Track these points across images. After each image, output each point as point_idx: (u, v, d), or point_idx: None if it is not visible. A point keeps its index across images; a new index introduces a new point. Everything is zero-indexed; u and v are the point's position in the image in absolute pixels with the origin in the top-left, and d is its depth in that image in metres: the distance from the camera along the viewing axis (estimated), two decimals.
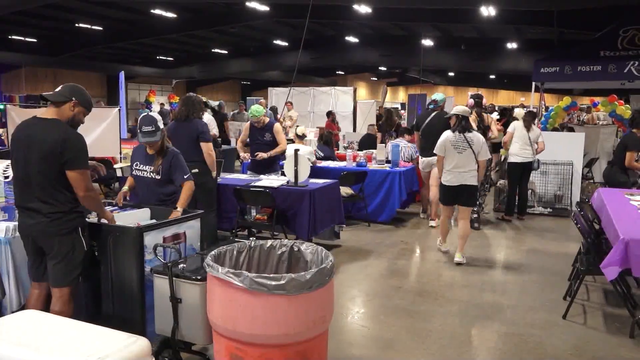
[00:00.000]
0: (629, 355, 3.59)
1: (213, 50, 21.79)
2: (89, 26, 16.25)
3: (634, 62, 9.02)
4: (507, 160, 7.82)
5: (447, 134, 5.68)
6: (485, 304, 4.53)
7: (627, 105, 12.18)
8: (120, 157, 8.54)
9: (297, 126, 8.70)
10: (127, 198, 4.10)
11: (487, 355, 3.60)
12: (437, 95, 7.60)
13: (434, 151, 5.83)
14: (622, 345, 3.73)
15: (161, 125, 3.86)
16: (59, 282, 3.07)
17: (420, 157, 7.38)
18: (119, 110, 8.83)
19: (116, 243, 3.21)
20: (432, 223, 7.27)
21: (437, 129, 6.62)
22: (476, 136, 5.63)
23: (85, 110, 3.18)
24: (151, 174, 3.93)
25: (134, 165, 4.05)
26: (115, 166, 8.46)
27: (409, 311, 4.35)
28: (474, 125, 6.64)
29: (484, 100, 7.75)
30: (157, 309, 3.12)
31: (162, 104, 21.26)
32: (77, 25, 16.05)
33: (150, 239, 3.22)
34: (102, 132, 8.26)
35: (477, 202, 6.90)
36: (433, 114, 7.25)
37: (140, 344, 2.35)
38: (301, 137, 7.68)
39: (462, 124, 5.60)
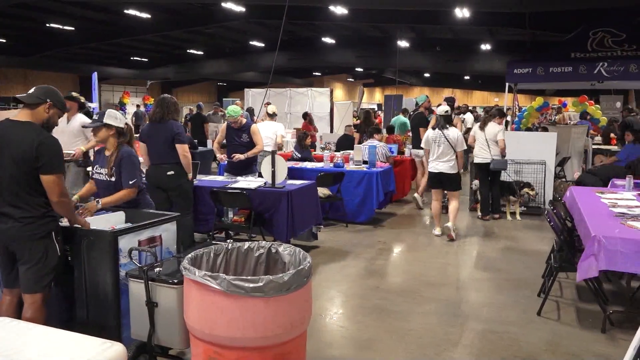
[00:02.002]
0: (601, 349, 3.67)
1: (188, 51, 21.62)
2: (60, 26, 15.96)
3: (603, 63, 9.25)
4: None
5: (429, 131, 6.84)
6: (462, 303, 4.59)
7: (597, 106, 12.49)
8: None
9: (268, 104, 8.98)
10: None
11: (464, 353, 3.64)
12: (419, 97, 9.04)
13: (421, 145, 7.13)
14: (594, 340, 3.82)
15: (111, 122, 3.69)
16: (31, 288, 3.00)
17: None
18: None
19: (90, 247, 3.15)
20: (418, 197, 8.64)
21: (416, 125, 8.57)
22: (452, 131, 6.62)
23: (59, 112, 3.12)
24: (105, 176, 3.77)
25: (94, 168, 3.90)
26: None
27: (387, 311, 4.37)
28: (432, 122, 7.93)
29: (456, 103, 8.48)
30: (133, 313, 3.08)
31: (137, 106, 21.02)
32: (48, 25, 15.75)
33: (125, 243, 3.17)
34: None
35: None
36: (415, 113, 9.01)
37: (115, 349, 2.31)
38: (272, 116, 7.80)
39: (440, 123, 6.67)
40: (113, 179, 3.72)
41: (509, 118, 11.17)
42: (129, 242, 3.20)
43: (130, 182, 3.70)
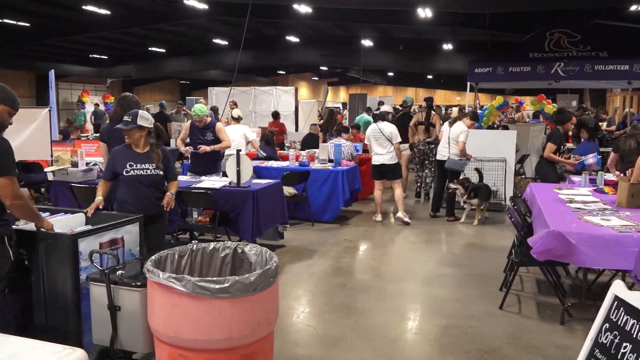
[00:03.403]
0: (560, 341, 3.79)
1: (150, 48, 21.17)
2: (14, 22, 15.37)
3: (560, 63, 9.53)
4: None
5: (369, 128, 7.50)
6: (427, 298, 4.66)
7: (554, 104, 12.88)
8: (52, 161, 8.15)
9: (232, 109, 8.96)
10: (101, 208, 3.86)
11: (429, 348, 3.70)
12: (407, 98, 10.09)
13: (365, 142, 7.77)
14: (553, 332, 3.94)
15: (144, 124, 3.86)
16: None
17: None
18: (49, 110, 8.42)
19: (48, 251, 3.05)
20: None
21: (403, 123, 8.99)
22: (387, 126, 7.33)
23: (9, 110, 2.95)
24: (155, 170, 3.90)
25: (127, 166, 3.85)
26: (46, 170, 8.06)
27: (353, 308, 4.39)
28: (414, 120, 9.06)
29: (434, 103, 9.59)
30: (94, 317, 3.00)
31: (96, 104, 20.48)
32: (1, 21, 15.14)
33: (86, 246, 3.09)
34: (32, 134, 7.86)
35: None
36: (402, 112, 9.81)
37: (76, 355, 2.24)
38: (237, 120, 7.84)
39: (377, 118, 7.62)
40: (161, 172, 3.94)
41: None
42: (90, 244, 3.12)
43: (175, 176, 4.15)
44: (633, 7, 10.27)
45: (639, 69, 9.14)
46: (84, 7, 13.43)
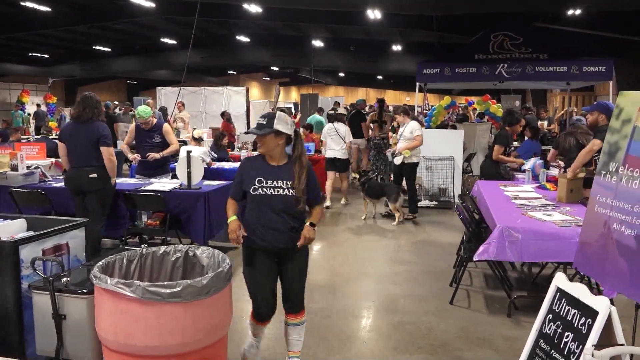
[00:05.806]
0: (507, 332, 3.93)
1: (95, 47, 20.49)
2: None
3: (504, 65, 9.85)
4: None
5: (326, 127, 8.78)
6: (380, 296, 4.72)
7: (499, 104, 13.34)
8: None
9: (194, 129, 8.73)
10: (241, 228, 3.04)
11: (384, 346, 3.75)
12: (359, 99, 11.71)
13: (321, 138, 8.94)
14: (501, 324, 4.07)
15: (283, 129, 2.97)
16: None
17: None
18: None
19: None
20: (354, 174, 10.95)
21: (356, 121, 10.30)
22: (342, 126, 8.60)
23: None
24: (290, 190, 2.97)
25: (256, 182, 2.98)
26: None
27: (307, 308, 4.36)
28: (370, 119, 10.80)
29: (386, 104, 11.08)
30: (38, 328, 2.87)
31: (38, 105, 19.66)
32: None
33: (28, 253, 2.95)
34: None
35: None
36: (354, 111, 10.90)
37: None
38: (198, 140, 7.57)
39: (333, 118, 8.75)
40: (296, 193, 2.99)
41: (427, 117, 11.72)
42: (32, 251, 2.99)
43: (318, 199, 3.16)
44: (570, 12, 10.79)
45: (576, 70, 9.59)
46: (22, 3, 12.84)
